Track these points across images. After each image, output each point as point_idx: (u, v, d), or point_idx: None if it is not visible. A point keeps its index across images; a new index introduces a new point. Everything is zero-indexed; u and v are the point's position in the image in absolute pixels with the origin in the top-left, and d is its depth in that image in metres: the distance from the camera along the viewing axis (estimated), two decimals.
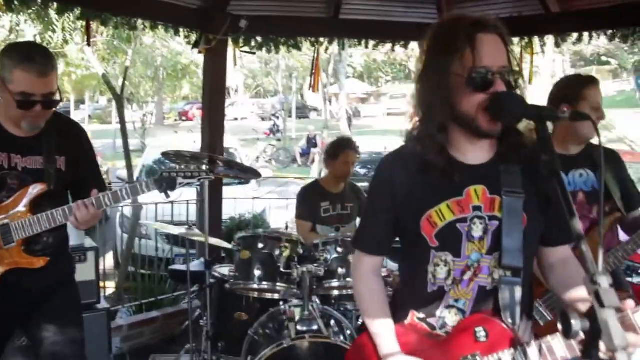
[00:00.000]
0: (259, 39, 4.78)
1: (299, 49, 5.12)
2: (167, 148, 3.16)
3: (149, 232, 6.29)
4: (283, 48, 4.92)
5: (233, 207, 6.40)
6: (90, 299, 3.67)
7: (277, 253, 3.13)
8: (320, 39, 5.00)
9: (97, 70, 8.03)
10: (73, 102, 28.51)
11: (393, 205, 1.60)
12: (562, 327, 1.02)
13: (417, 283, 1.59)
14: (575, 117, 1.28)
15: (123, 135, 6.33)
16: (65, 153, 2.38)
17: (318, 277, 3.11)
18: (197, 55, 6.59)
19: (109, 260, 7.05)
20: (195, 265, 3.92)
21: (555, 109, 2.44)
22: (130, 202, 5.40)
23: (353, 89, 34.62)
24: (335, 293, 3.37)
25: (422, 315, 1.60)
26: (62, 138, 2.38)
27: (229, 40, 4.66)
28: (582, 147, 2.61)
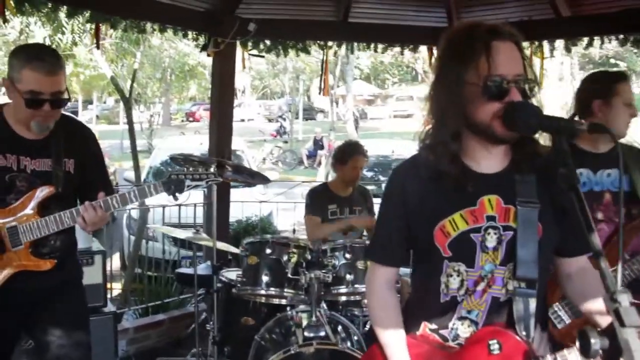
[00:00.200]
0: (268, 42, 4.78)
1: (308, 53, 5.11)
2: (174, 150, 3.16)
3: (156, 234, 6.29)
4: (292, 51, 4.92)
5: (240, 209, 6.39)
6: (97, 302, 3.68)
7: (284, 259, 3.11)
8: (329, 43, 4.98)
9: (104, 71, 8.04)
10: (81, 102, 28.67)
11: (406, 215, 1.58)
12: (580, 345, 0.99)
13: (429, 293, 1.57)
14: (594, 129, 1.25)
15: (131, 137, 6.33)
16: (74, 156, 2.38)
17: (326, 283, 3.09)
18: (204, 56, 6.60)
19: (116, 262, 7.06)
20: (202, 269, 3.91)
21: (587, 107, 2.38)
22: (138, 204, 5.40)
23: (360, 91, 34.60)
24: (343, 299, 3.36)
25: (434, 327, 1.57)
26: (71, 141, 2.38)
27: (238, 43, 4.65)
28: (611, 145, 2.47)
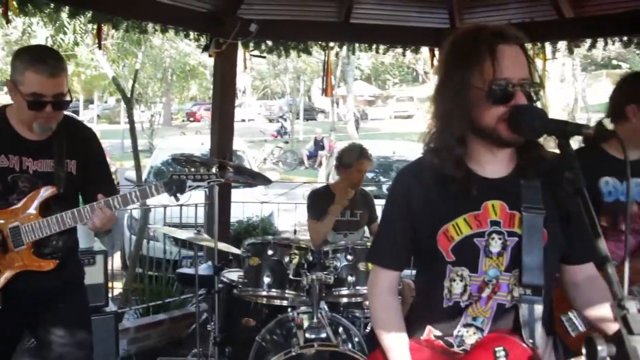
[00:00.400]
0: (269, 43, 4.77)
1: (309, 53, 5.11)
2: (175, 150, 3.16)
3: (157, 234, 6.28)
4: (293, 52, 4.91)
5: (241, 210, 6.38)
6: (99, 302, 3.69)
7: (286, 260, 3.10)
8: (331, 43, 4.98)
9: (106, 71, 8.04)
10: (82, 102, 28.69)
11: (409, 219, 1.57)
12: (587, 352, 0.99)
13: (432, 298, 1.56)
14: (600, 133, 1.24)
15: (132, 137, 6.33)
16: (76, 156, 2.38)
17: (327, 284, 3.08)
18: (205, 57, 6.60)
19: (117, 261, 7.06)
20: (203, 269, 3.90)
21: (620, 111, 2.32)
22: (139, 204, 5.40)
23: (360, 92, 34.61)
24: (344, 301, 3.35)
25: (439, 333, 1.57)
26: (73, 141, 2.38)
27: (239, 44, 4.65)
28: None
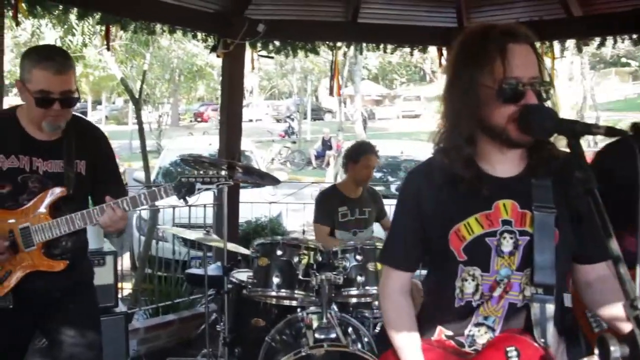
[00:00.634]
0: (277, 43, 4.77)
1: (317, 53, 5.11)
2: (183, 150, 3.17)
3: (166, 234, 6.31)
4: (301, 52, 4.92)
5: (249, 210, 6.40)
6: (108, 303, 3.69)
7: (295, 260, 3.10)
8: (338, 43, 4.98)
9: (114, 72, 8.08)
10: (90, 103, 28.85)
11: (420, 219, 1.57)
12: (599, 352, 0.98)
13: (443, 298, 1.56)
14: (611, 132, 1.23)
15: (141, 138, 6.36)
16: (85, 157, 2.39)
17: (336, 285, 3.08)
18: (212, 57, 6.62)
19: (126, 262, 7.09)
20: (213, 269, 3.91)
21: None
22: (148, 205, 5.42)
23: (368, 91, 34.56)
24: (354, 301, 3.35)
25: (450, 333, 1.56)
26: (82, 142, 2.39)
27: (247, 44, 4.65)
28: None
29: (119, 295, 4.21)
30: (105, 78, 14.55)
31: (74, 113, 2.38)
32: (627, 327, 1.28)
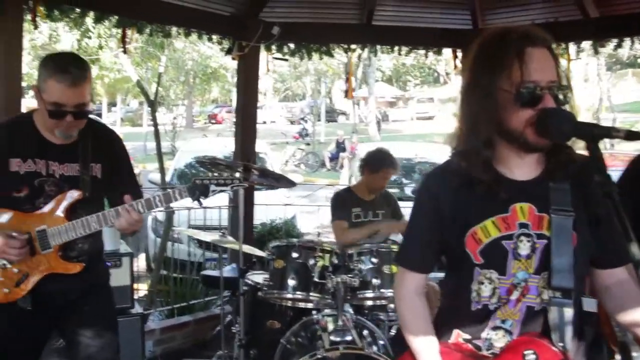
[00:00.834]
0: (292, 46, 4.79)
1: (332, 56, 5.11)
2: (197, 152, 3.18)
3: (181, 236, 6.34)
4: (315, 55, 4.92)
5: (264, 212, 6.41)
6: (125, 304, 3.71)
7: (311, 263, 3.11)
8: (353, 46, 4.98)
9: (129, 74, 8.15)
10: (105, 104, 29.12)
11: (437, 221, 1.57)
12: (621, 358, 0.97)
13: (460, 301, 1.55)
14: (631, 136, 1.22)
15: (156, 140, 6.41)
16: (101, 160, 2.41)
17: (352, 287, 3.08)
18: (226, 59, 6.67)
19: (141, 263, 7.14)
20: (228, 271, 3.93)
21: None
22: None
23: (382, 93, 34.51)
24: (369, 303, 3.35)
25: (467, 336, 1.56)
26: (98, 145, 2.41)
27: (262, 47, 4.67)
28: None
29: (135, 297, 4.24)
30: (121, 80, 14.68)
31: (90, 116, 2.40)
32: None
